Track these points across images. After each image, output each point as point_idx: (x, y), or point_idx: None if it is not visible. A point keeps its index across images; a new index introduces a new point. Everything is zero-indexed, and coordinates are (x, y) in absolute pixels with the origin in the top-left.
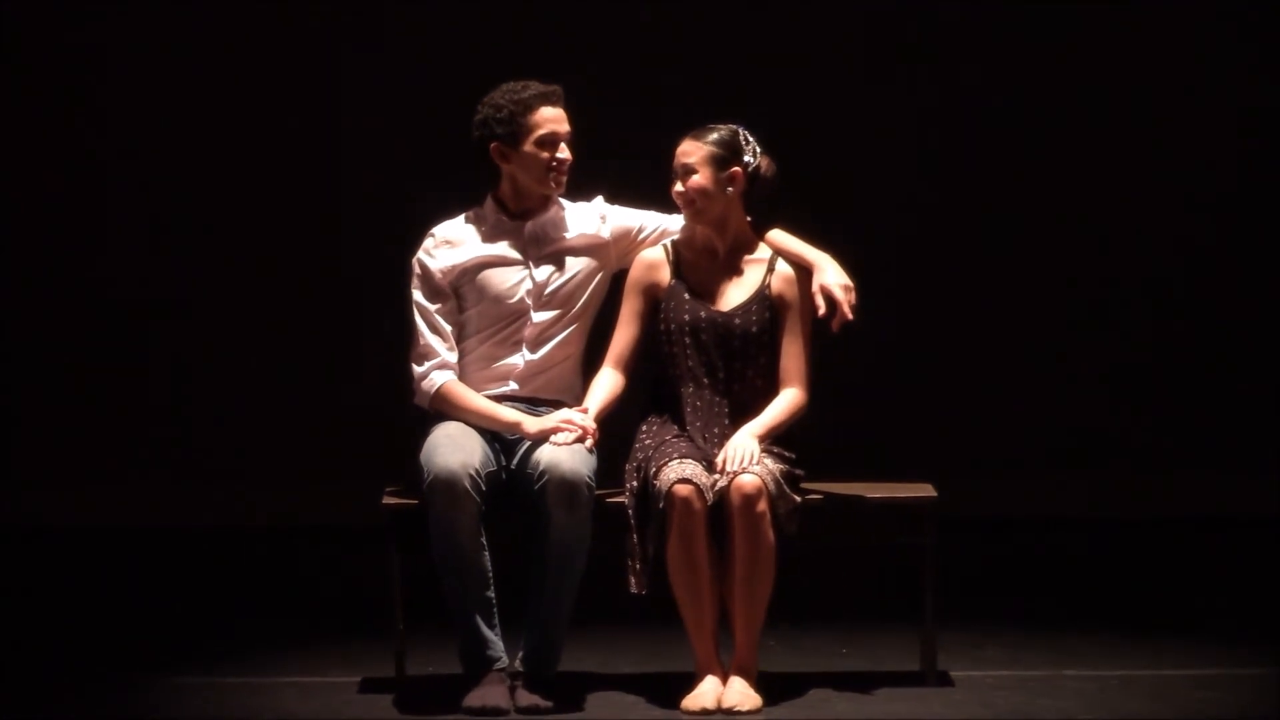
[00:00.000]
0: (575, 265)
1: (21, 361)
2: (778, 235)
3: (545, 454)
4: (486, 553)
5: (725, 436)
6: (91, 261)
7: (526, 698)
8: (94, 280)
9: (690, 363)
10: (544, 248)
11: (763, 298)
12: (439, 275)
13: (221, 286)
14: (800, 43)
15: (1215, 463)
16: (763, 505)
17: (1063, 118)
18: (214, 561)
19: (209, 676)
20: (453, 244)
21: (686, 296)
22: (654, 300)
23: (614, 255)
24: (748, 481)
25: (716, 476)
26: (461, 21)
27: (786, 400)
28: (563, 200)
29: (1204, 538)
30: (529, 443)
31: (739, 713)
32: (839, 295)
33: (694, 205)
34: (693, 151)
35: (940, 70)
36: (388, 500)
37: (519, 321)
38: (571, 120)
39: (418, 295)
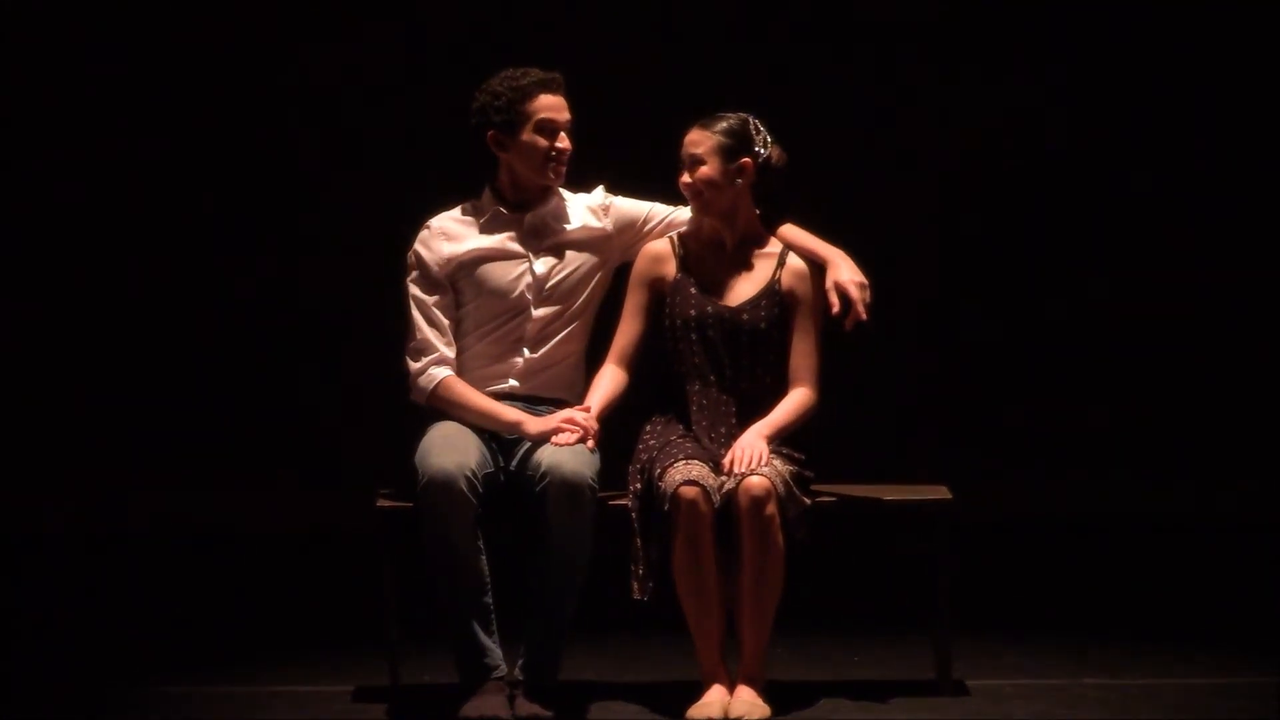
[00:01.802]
0: (577, 258)
1: (2, 364)
2: (789, 230)
3: (546, 455)
4: (484, 557)
5: (732, 436)
6: (75, 262)
7: (526, 707)
8: (75, 280)
9: (696, 360)
10: (544, 240)
11: (772, 293)
12: (435, 267)
13: (205, 286)
14: (814, 28)
15: (1245, 466)
16: (771, 508)
17: (1070, 119)
18: (203, 568)
19: (197, 686)
20: (449, 235)
21: (693, 291)
22: (659, 295)
23: (618, 248)
24: (756, 483)
25: (723, 478)
26: (460, 5)
27: (796, 400)
28: (564, 191)
29: (1231, 541)
30: (529, 443)
31: None
32: (853, 293)
33: (701, 197)
34: (701, 141)
35: (965, 65)
36: (381, 503)
37: (519, 317)
38: (572, 108)
39: (414, 288)
